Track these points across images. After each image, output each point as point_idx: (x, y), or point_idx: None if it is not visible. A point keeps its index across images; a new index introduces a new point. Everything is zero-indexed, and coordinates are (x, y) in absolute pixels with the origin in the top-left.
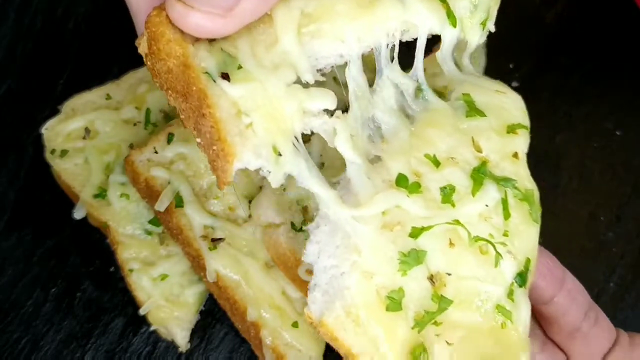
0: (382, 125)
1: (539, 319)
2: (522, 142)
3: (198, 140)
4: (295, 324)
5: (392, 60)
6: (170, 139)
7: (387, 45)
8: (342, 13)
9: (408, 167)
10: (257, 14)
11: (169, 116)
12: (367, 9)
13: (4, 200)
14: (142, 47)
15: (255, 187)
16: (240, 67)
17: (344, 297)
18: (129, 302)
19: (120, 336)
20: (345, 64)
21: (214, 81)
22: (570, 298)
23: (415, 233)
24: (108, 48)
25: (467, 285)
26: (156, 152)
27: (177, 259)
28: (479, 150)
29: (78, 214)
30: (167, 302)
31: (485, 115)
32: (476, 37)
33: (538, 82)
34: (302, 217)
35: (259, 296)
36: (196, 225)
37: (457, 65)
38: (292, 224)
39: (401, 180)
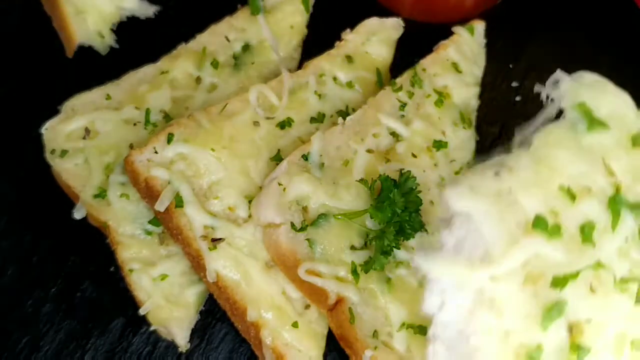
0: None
1: None
2: None
3: None
4: (295, 324)
5: None
6: (170, 139)
7: None
8: None
9: (544, 203)
10: None
11: (169, 116)
12: None
13: (4, 200)
14: None
15: (255, 187)
16: None
17: (475, 358)
18: (129, 302)
19: (120, 336)
20: None
21: None
22: None
23: (559, 283)
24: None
25: (606, 330)
26: (156, 152)
27: (177, 259)
28: (611, 174)
29: (78, 214)
30: (167, 302)
31: (608, 127)
32: None
33: (538, 82)
34: (302, 217)
35: (259, 296)
36: (196, 225)
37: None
38: (292, 224)
39: (539, 223)
